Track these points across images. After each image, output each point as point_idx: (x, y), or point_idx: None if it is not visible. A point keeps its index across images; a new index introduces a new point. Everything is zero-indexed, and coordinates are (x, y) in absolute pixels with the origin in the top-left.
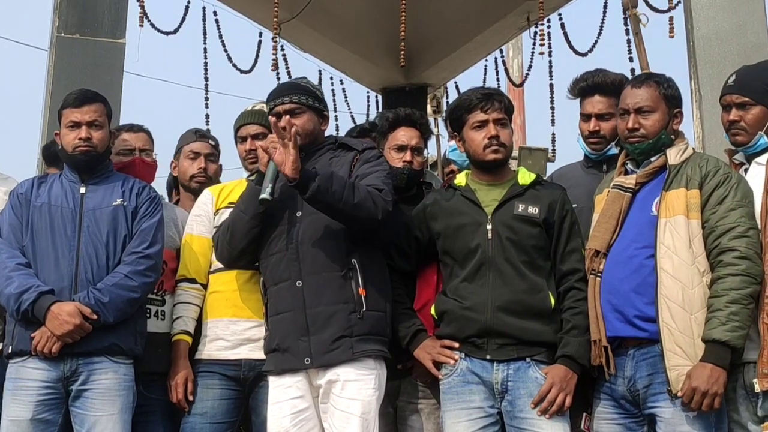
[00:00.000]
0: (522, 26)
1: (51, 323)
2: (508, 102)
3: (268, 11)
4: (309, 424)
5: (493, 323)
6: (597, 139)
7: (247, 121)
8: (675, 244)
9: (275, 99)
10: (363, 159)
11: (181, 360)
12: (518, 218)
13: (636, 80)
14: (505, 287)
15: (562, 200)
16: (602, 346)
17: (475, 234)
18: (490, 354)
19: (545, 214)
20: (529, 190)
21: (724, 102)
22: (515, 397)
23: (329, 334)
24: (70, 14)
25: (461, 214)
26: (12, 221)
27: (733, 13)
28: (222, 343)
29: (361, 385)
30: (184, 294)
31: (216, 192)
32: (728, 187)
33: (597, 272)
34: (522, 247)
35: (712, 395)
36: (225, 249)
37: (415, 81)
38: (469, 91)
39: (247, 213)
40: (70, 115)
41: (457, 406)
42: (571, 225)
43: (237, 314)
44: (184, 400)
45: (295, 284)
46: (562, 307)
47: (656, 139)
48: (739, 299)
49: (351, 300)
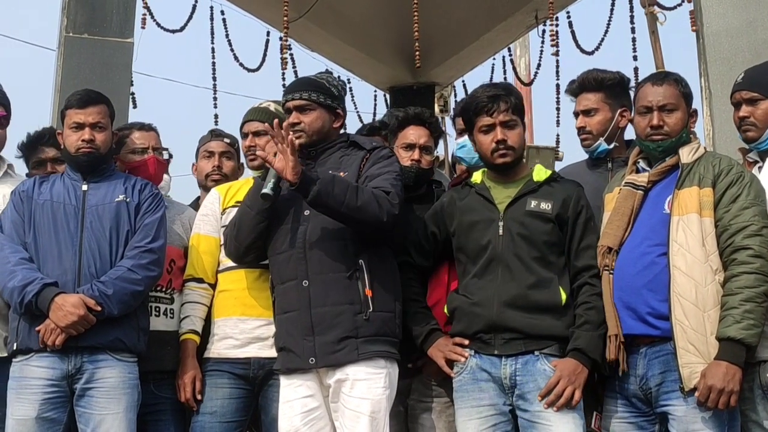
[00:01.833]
0: (530, 25)
1: (55, 314)
2: (516, 100)
3: (276, 10)
4: (319, 423)
5: (498, 318)
6: (585, 135)
7: (251, 117)
8: (688, 242)
9: (287, 94)
10: (373, 159)
11: (189, 359)
12: (530, 214)
13: (656, 77)
14: (512, 282)
15: (577, 196)
16: (620, 342)
17: (487, 231)
18: (497, 349)
19: (558, 209)
20: (543, 187)
21: (734, 100)
22: (525, 391)
23: (334, 334)
24: (79, 14)
25: (475, 212)
26: (14, 218)
27: (743, 10)
28: (231, 342)
29: (371, 384)
30: (191, 293)
31: (223, 191)
32: (741, 185)
33: (609, 269)
34: (533, 243)
35: (729, 393)
36: (232, 244)
37: (423, 80)
38: (477, 90)
39: (252, 208)
40: (73, 116)
41: (468, 404)
42: (586, 221)
43: (246, 312)
44: (192, 400)
45: (301, 284)
46: (575, 303)
47: (678, 138)
48: (754, 297)
49: (357, 301)
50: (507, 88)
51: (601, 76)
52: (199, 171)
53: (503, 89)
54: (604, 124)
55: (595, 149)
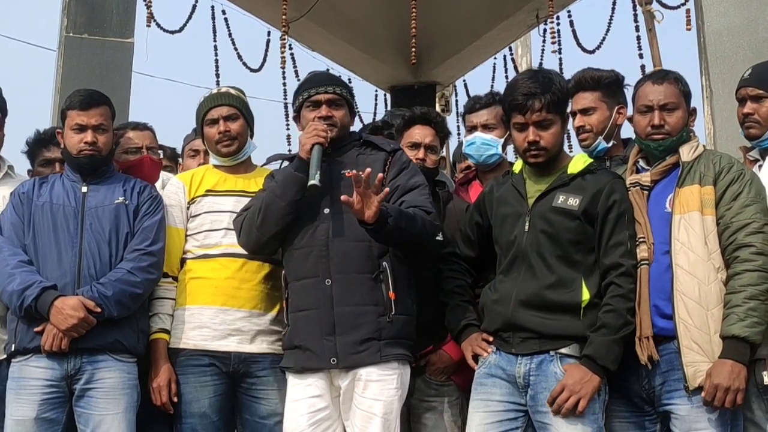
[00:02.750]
0: (531, 24)
1: (55, 318)
2: (554, 97)
3: (276, 10)
4: (326, 424)
5: (513, 317)
6: (584, 134)
7: (217, 103)
8: (690, 240)
9: (316, 87)
10: (397, 165)
11: (162, 360)
12: (556, 210)
13: (656, 76)
14: (532, 281)
15: (610, 190)
16: (646, 341)
17: (515, 226)
18: (515, 348)
19: (586, 205)
20: (576, 180)
21: (740, 95)
22: (537, 392)
23: (357, 335)
24: (79, 14)
25: (507, 205)
26: (13, 220)
27: (744, 8)
28: (208, 332)
29: (384, 385)
30: (158, 289)
31: (186, 180)
32: (742, 183)
33: (648, 262)
34: (557, 241)
35: (735, 391)
36: (253, 233)
37: (424, 79)
38: (518, 80)
39: (283, 199)
40: (75, 117)
41: (478, 397)
42: (618, 217)
43: (227, 303)
44: (169, 403)
45: (323, 282)
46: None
47: (679, 136)
48: (757, 295)
49: (381, 303)
50: (545, 83)
51: (598, 75)
52: (184, 168)
53: (541, 86)
54: (603, 123)
55: (595, 148)
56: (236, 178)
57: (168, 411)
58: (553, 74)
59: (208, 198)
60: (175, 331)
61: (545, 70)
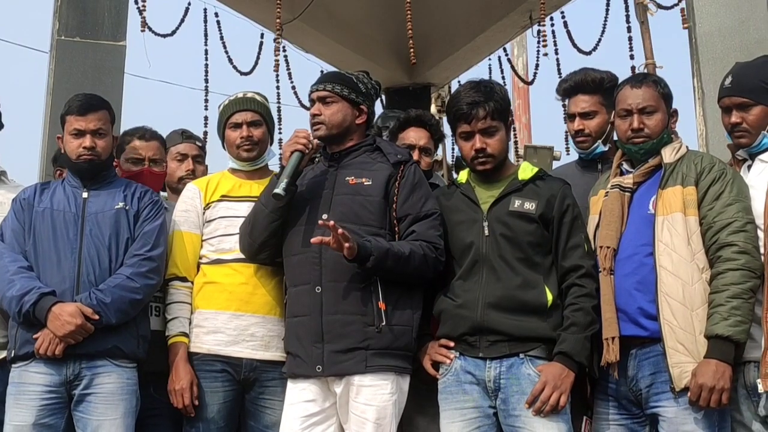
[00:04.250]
0: (524, 25)
1: (52, 324)
2: (497, 105)
3: (269, 12)
4: (318, 428)
5: (483, 320)
6: (583, 137)
7: (242, 107)
8: (673, 241)
9: (313, 85)
10: (408, 184)
11: (182, 363)
12: (513, 214)
13: (634, 80)
14: (497, 284)
15: (563, 195)
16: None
17: (470, 231)
18: (482, 352)
19: (542, 209)
20: (528, 185)
21: (723, 104)
22: (508, 395)
23: (343, 344)
24: (71, 17)
25: (458, 212)
26: (14, 226)
27: (735, 10)
28: (222, 337)
29: (376, 390)
30: (177, 293)
31: (202, 185)
32: (724, 182)
33: (610, 271)
34: (517, 244)
35: (719, 391)
36: (246, 241)
37: (419, 80)
38: (459, 92)
39: (267, 206)
40: (74, 122)
41: (452, 406)
42: (573, 220)
43: (241, 308)
44: (191, 406)
45: (314, 289)
46: (564, 304)
47: (659, 139)
48: (740, 293)
49: (369, 312)
50: (488, 92)
51: (599, 78)
52: (169, 173)
53: (483, 94)
54: (602, 126)
55: (593, 151)
56: (251, 183)
57: (189, 414)
58: (494, 83)
59: (223, 203)
60: (189, 334)
61: (486, 80)
